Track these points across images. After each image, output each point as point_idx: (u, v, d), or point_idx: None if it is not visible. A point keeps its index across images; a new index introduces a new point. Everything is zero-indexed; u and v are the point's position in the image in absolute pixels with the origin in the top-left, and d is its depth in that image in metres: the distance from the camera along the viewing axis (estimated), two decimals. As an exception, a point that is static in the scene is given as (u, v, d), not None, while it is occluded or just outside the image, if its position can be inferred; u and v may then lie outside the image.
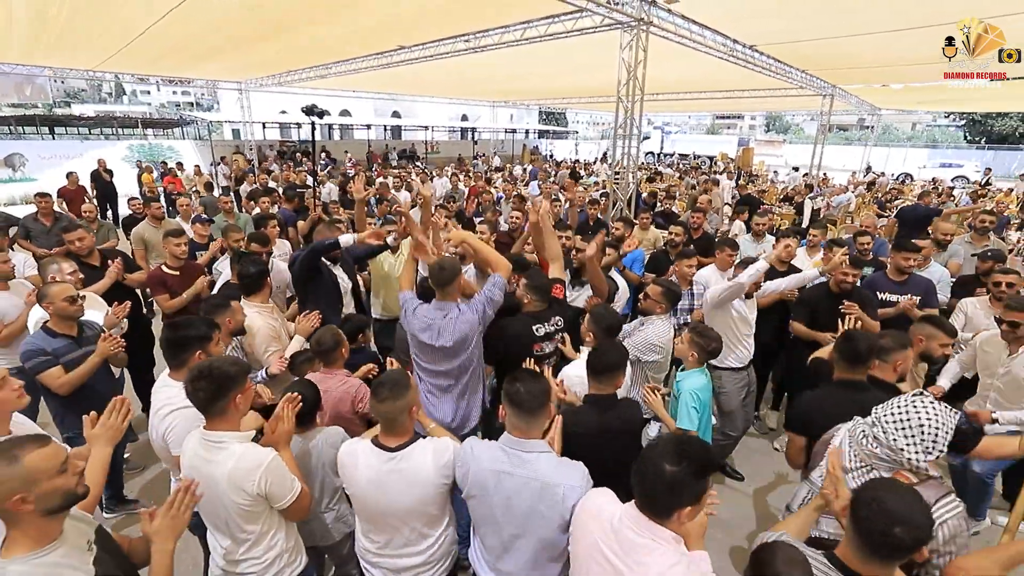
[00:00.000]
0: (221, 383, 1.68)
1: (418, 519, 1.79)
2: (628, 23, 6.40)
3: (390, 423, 1.77)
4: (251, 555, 1.75)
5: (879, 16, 6.37)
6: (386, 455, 1.75)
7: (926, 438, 1.55)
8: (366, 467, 1.75)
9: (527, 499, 1.65)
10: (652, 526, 1.34)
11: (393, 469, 1.73)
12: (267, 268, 3.14)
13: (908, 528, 1.23)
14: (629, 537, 1.36)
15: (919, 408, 1.58)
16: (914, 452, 1.55)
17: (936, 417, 1.56)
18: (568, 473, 1.67)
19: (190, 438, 1.78)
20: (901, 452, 1.57)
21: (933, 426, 1.55)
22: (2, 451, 1.20)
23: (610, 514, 1.44)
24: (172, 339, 2.09)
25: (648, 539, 1.34)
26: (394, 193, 8.71)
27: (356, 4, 6.58)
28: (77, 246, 3.76)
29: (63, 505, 1.27)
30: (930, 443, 1.54)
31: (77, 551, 1.30)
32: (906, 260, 3.71)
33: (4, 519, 1.23)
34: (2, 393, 1.70)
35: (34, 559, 1.20)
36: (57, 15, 6.99)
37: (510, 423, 1.75)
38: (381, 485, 1.74)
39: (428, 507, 1.79)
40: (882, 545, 1.26)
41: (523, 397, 1.70)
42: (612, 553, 1.38)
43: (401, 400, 1.73)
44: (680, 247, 4.46)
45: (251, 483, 1.64)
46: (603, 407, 2.08)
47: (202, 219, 4.90)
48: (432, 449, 1.78)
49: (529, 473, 1.67)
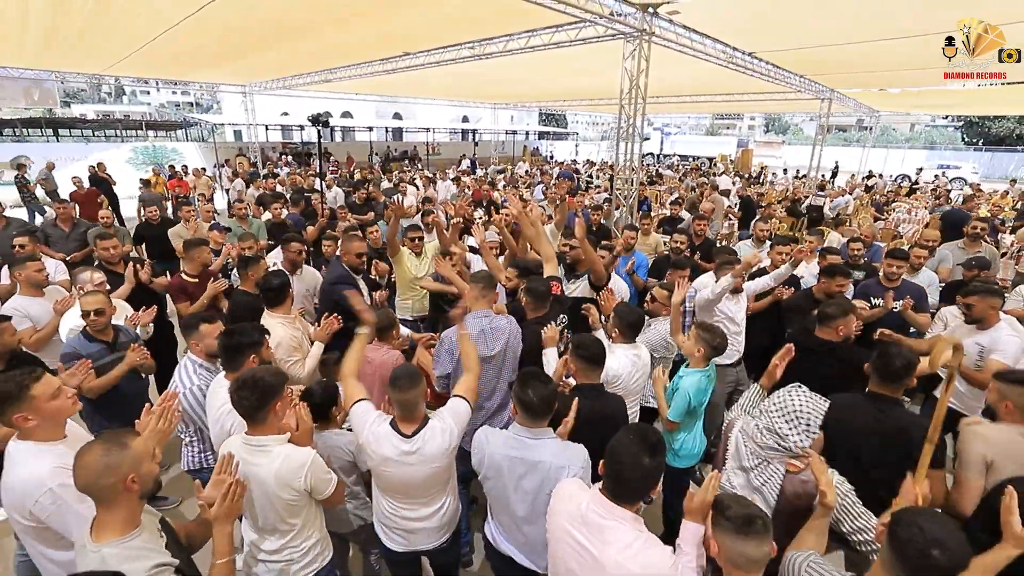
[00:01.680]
0: (263, 392, 1.84)
1: (429, 489, 2.07)
2: (631, 33, 6.57)
3: (408, 409, 2.00)
4: (292, 544, 1.93)
5: (877, 25, 6.52)
6: (404, 440, 1.97)
7: (801, 422, 1.84)
8: (388, 449, 1.97)
9: (535, 480, 1.88)
10: (614, 508, 1.53)
11: (409, 451, 1.97)
12: (288, 280, 3.19)
13: (945, 551, 1.27)
14: (595, 520, 1.54)
15: (794, 397, 1.89)
16: (796, 436, 1.83)
17: (808, 403, 1.86)
18: (571, 456, 1.90)
19: (230, 443, 1.93)
20: (787, 437, 1.84)
21: (806, 411, 1.84)
22: (113, 439, 1.40)
23: (579, 500, 1.61)
24: (228, 345, 2.28)
25: (611, 521, 1.52)
26: (397, 196, 8.83)
27: (364, 15, 6.75)
28: (111, 253, 3.93)
29: (153, 489, 1.47)
30: (804, 426, 1.83)
31: (153, 537, 1.48)
32: (890, 267, 3.88)
33: (107, 501, 1.39)
34: (58, 402, 1.84)
35: (123, 543, 1.38)
36: (73, 22, 7.15)
37: (520, 419, 1.96)
38: (400, 465, 1.98)
39: (438, 480, 2.07)
40: (919, 567, 1.29)
41: (534, 402, 1.90)
42: (579, 534, 1.56)
43: (416, 389, 1.99)
44: (683, 255, 4.63)
45: (298, 480, 1.82)
46: (594, 396, 2.27)
47: (220, 227, 5.06)
48: (440, 431, 2.00)
49: (537, 457, 1.89)
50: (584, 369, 2.30)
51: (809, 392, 1.91)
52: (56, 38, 8.30)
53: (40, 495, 1.66)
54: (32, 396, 1.75)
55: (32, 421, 1.76)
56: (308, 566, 1.95)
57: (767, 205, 11.54)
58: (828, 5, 5.92)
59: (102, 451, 1.38)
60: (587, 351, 2.28)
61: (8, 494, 1.73)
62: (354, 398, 2.10)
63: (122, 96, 43.98)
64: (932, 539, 1.28)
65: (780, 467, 1.88)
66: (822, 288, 3.68)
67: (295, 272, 3.97)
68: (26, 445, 1.77)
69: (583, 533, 1.55)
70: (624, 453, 1.51)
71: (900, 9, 5.92)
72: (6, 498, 1.74)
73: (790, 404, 1.88)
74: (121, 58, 10.01)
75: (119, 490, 1.38)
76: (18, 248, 4.31)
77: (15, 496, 1.70)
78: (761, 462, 1.92)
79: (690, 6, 6.29)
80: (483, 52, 8.65)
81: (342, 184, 11.19)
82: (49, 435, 1.80)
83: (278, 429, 1.93)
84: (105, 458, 1.37)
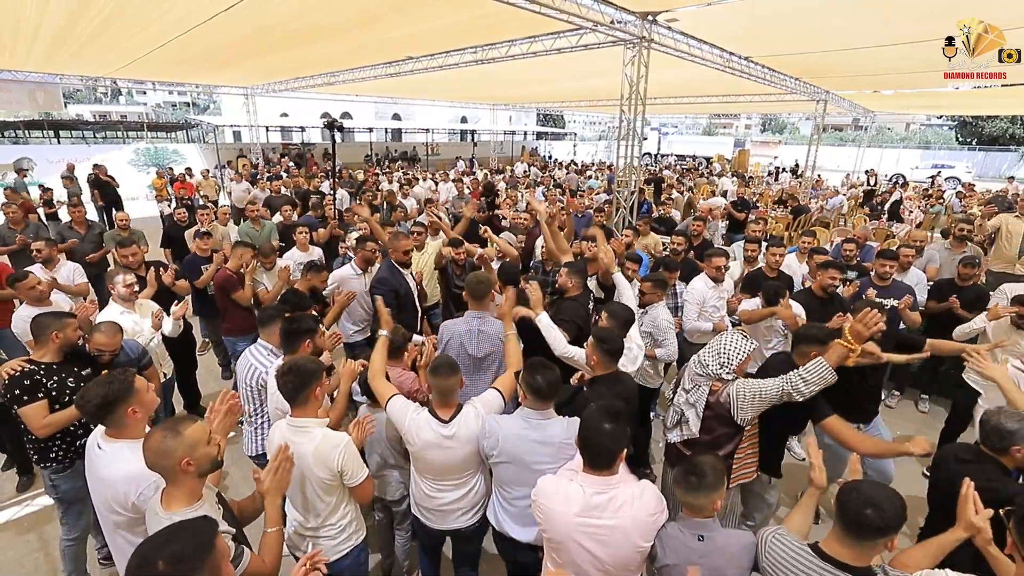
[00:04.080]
0: (304, 377, 2.04)
1: (464, 471, 2.27)
2: (631, 40, 6.76)
3: (445, 396, 2.20)
4: (329, 522, 2.12)
5: (873, 32, 6.70)
6: (443, 425, 2.17)
7: (722, 356, 2.35)
8: (428, 433, 2.17)
9: (545, 458, 2.09)
10: (606, 480, 1.73)
11: (447, 435, 2.16)
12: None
13: (878, 511, 1.43)
14: (598, 500, 1.71)
15: (724, 338, 2.42)
16: (716, 365, 2.35)
17: (732, 343, 2.37)
18: (576, 430, 2.06)
19: (278, 427, 2.13)
20: (708, 366, 2.36)
21: (728, 348, 2.35)
22: (169, 427, 1.57)
23: (574, 494, 1.73)
24: (289, 330, 2.57)
25: (612, 490, 1.72)
26: (401, 200, 8.97)
27: (370, 22, 6.92)
28: (130, 260, 4.09)
29: (211, 468, 1.64)
30: (724, 359, 2.34)
31: (212, 508, 1.66)
32: (883, 267, 4.08)
33: (170, 479, 1.59)
34: (151, 394, 2.04)
35: (190, 511, 1.57)
36: (84, 29, 7.30)
37: (530, 403, 2.15)
38: (439, 448, 2.18)
39: (472, 462, 2.27)
40: (857, 524, 1.46)
41: (543, 386, 2.10)
42: (592, 519, 1.70)
43: (454, 377, 2.20)
44: (683, 255, 4.81)
45: (333, 460, 2.00)
46: (611, 383, 2.43)
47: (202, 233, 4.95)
48: (475, 416, 2.21)
49: (546, 436, 2.11)
50: (605, 361, 2.45)
51: (738, 336, 2.39)
52: (65, 43, 8.44)
53: (145, 487, 1.79)
54: (137, 390, 1.95)
55: (138, 413, 1.95)
56: (344, 543, 2.14)
57: (762, 206, 11.75)
58: (824, 14, 6.10)
59: (160, 438, 1.56)
60: (610, 345, 2.43)
61: (108, 489, 1.84)
62: (387, 395, 2.28)
63: (118, 96, 43.86)
64: (867, 500, 1.45)
65: (706, 388, 2.40)
66: (819, 283, 3.82)
67: (367, 270, 4.24)
68: (121, 444, 1.91)
69: (595, 516, 1.70)
70: (588, 428, 1.76)
71: (896, 17, 6.06)
72: (106, 493, 1.85)
73: (716, 343, 2.41)
74: (128, 62, 10.15)
75: (177, 470, 1.56)
76: (35, 252, 4.41)
77: (116, 491, 1.82)
78: (695, 386, 2.45)
79: (688, 14, 6.48)
80: (486, 57, 8.83)
81: (344, 186, 11.35)
82: (139, 433, 1.93)
83: (318, 413, 2.13)
84: (162, 444, 1.55)
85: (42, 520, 3.31)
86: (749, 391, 2.31)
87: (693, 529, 1.72)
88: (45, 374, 2.46)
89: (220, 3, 5.86)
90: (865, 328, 2.17)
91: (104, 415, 1.90)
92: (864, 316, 2.18)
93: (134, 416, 1.94)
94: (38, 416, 2.39)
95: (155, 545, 1.24)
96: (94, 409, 1.88)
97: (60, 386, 2.48)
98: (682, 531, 1.73)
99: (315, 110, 23.97)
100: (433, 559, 2.64)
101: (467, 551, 2.52)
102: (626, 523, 1.69)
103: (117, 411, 1.89)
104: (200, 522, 1.35)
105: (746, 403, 2.31)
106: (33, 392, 2.40)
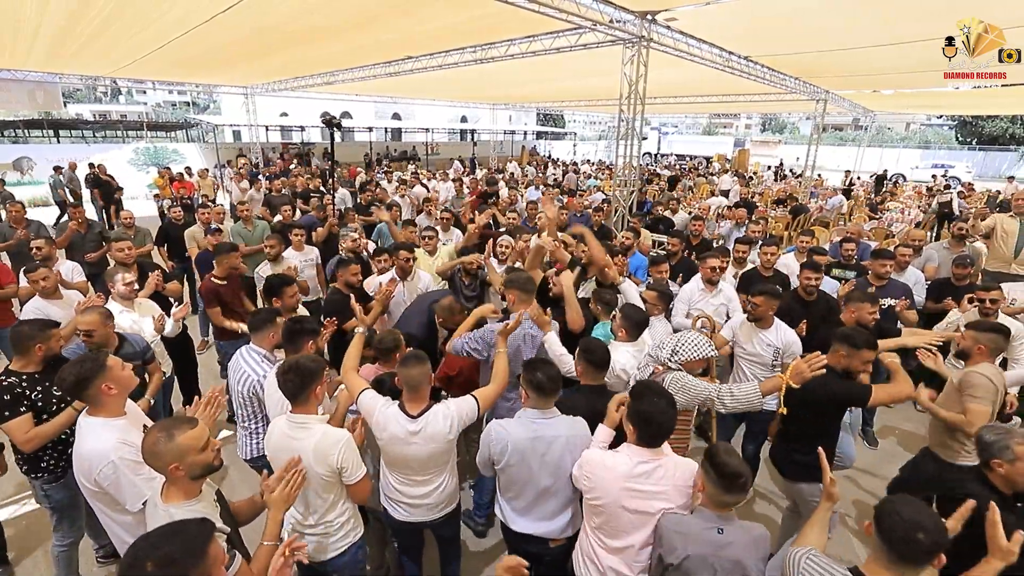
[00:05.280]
0: (305, 376, 2.05)
1: (429, 468, 2.28)
2: (630, 40, 6.77)
3: (414, 388, 2.18)
4: (326, 519, 2.12)
5: (872, 32, 6.71)
6: (410, 420, 2.17)
7: (678, 345, 2.46)
8: (394, 427, 2.17)
9: (557, 452, 2.13)
10: (657, 453, 1.92)
11: (413, 431, 2.16)
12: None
13: (927, 534, 1.39)
14: (646, 469, 1.88)
15: (691, 333, 2.56)
16: (668, 351, 2.48)
17: (693, 339, 2.48)
18: (579, 427, 2.21)
19: (277, 422, 2.13)
20: (663, 350, 2.50)
21: (686, 342, 2.46)
22: (165, 429, 1.57)
23: (619, 463, 1.91)
24: (292, 330, 2.61)
25: (658, 460, 1.91)
26: (397, 199, 8.90)
27: (369, 22, 6.93)
28: (124, 255, 4.06)
29: (204, 474, 1.65)
30: (677, 348, 2.46)
31: (210, 506, 1.67)
32: (882, 267, 4.09)
33: (164, 476, 1.62)
34: (126, 372, 2.12)
35: (186, 506, 1.59)
36: (85, 28, 7.30)
37: (532, 403, 2.17)
38: (404, 443, 2.18)
39: (438, 460, 2.28)
40: (908, 549, 1.40)
41: (544, 381, 2.12)
42: (637, 484, 1.87)
43: (423, 367, 2.18)
44: (680, 256, 4.80)
45: (332, 456, 2.00)
46: (595, 395, 2.43)
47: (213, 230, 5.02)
48: (443, 416, 2.20)
49: (554, 433, 2.15)
50: (590, 372, 2.47)
51: (704, 338, 2.51)
52: (65, 42, 8.44)
53: (103, 466, 1.90)
54: (109, 366, 2.02)
55: (114, 390, 2.03)
56: (342, 540, 2.14)
57: (762, 205, 11.75)
58: (824, 13, 6.11)
59: (153, 439, 1.56)
60: (594, 356, 2.46)
61: (79, 462, 1.97)
62: (357, 389, 2.29)
63: (118, 96, 43.85)
64: (913, 524, 1.40)
65: (650, 370, 2.57)
66: (800, 285, 3.82)
67: (406, 279, 4.05)
68: (95, 420, 2.01)
69: (640, 483, 1.88)
70: (656, 408, 1.90)
71: (895, 16, 6.08)
72: (77, 466, 1.98)
73: (683, 334, 2.56)
74: (129, 62, 10.16)
75: (167, 472, 1.58)
76: (35, 250, 4.39)
77: (85, 465, 1.94)
78: (645, 366, 2.62)
79: (687, 14, 6.49)
80: (485, 56, 8.84)
81: (345, 185, 11.35)
82: (116, 411, 2.05)
83: (318, 411, 2.14)
84: (154, 446, 1.56)
85: (38, 520, 3.31)
86: (680, 382, 2.40)
87: (714, 522, 1.76)
88: (28, 384, 2.39)
89: (220, 3, 5.88)
90: (808, 370, 2.24)
91: (80, 391, 2.00)
92: (810, 359, 2.27)
93: (109, 392, 2.02)
94: (21, 430, 2.31)
95: (149, 545, 1.25)
96: (70, 387, 1.99)
97: (45, 395, 2.41)
98: (703, 524, 1.78)
99: (315, 109, 23.86)
100: (416, 559, 2.63)
101: (446, 534, 2.54)
102: (669, 490, 1.89)
103: (92, 388, 1.99)
104: (197, 525, 1.34)
105: (673, 391, 2.34)
106: (14, 406, 2.32)
